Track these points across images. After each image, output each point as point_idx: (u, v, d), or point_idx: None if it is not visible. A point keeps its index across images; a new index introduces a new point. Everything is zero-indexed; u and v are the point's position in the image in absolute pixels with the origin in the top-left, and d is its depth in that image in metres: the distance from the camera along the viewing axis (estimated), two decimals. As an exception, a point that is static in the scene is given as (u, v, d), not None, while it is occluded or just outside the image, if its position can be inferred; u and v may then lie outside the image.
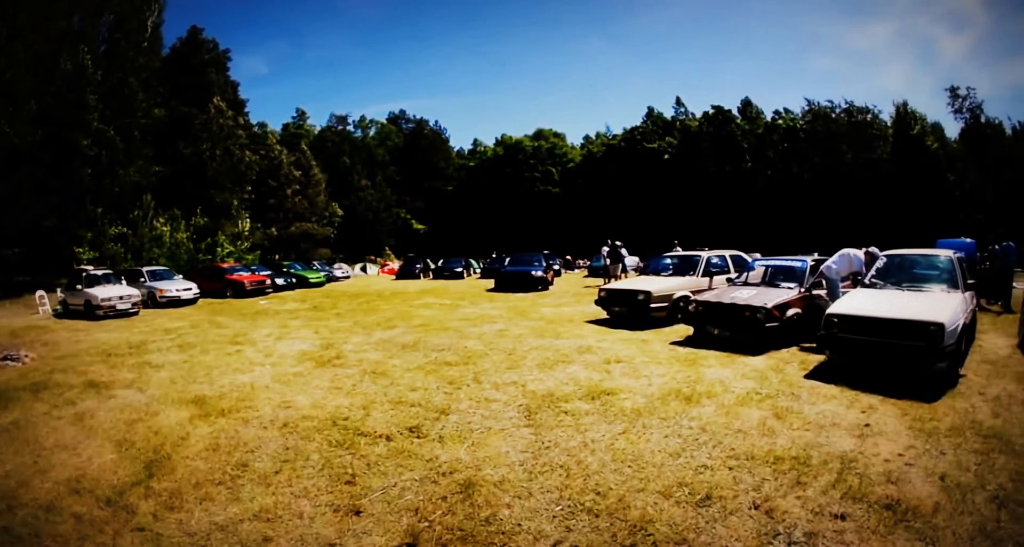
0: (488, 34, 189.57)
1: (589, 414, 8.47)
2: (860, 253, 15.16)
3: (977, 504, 5.68)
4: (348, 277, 58.17)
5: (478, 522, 5.38)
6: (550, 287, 33.14)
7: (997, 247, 21.32)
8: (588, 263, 55.04)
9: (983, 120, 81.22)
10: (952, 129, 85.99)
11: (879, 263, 13.33)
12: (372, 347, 14.08)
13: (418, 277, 52.11)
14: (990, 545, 5.04)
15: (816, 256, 16.21)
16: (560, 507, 5.64)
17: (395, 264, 71.09)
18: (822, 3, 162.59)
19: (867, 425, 7.88)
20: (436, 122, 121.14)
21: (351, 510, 5.68)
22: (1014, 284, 18.99)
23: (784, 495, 5.89)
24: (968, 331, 11.48)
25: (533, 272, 32.66)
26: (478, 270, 55.02)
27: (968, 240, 22.82)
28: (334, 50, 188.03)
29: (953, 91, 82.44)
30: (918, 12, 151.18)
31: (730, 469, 6.50)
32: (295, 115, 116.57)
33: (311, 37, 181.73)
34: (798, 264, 15.53)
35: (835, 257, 15.07)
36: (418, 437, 7.66)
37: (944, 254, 13.08)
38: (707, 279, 18.20)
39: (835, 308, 11.00)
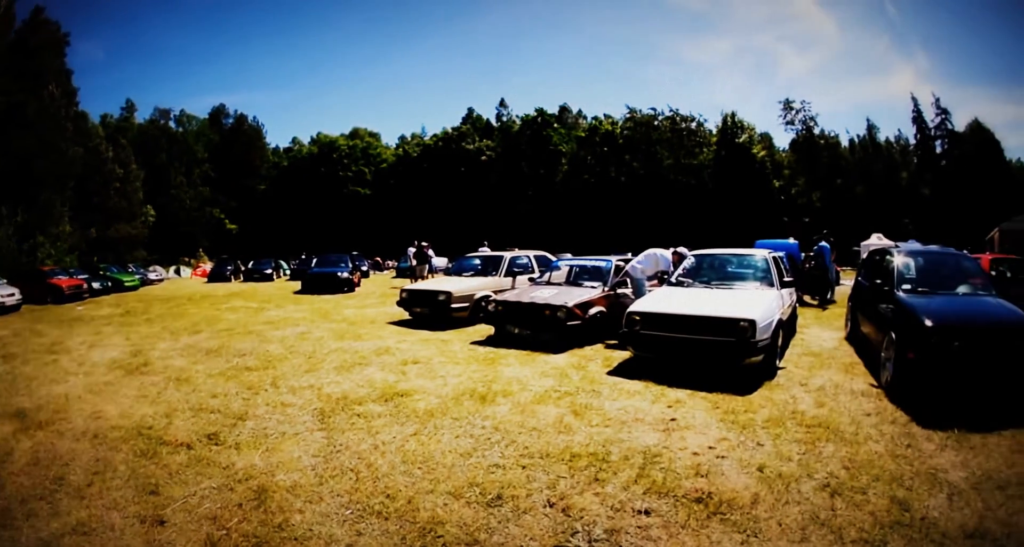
0: (305, 29, 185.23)
1: (382, 416, 8.32)
2: (667, 253, 15.34)
3: (805, 493, 5.67)
4: (162, 280, 57.12)
5: (271, 528, 5.25)
6: (356, 288, 33.43)
7: (816, 248, 23.30)
8: (396, 264, 54.14)
9: (817, 132, 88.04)
10: (783, 139, 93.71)
11: (686, 262, 13.73)
12: (178, 353, 13.72)
13: (229, 279, 51.62)
14: (826, 533, 4.96)
15: (630, 256, 16.45)
16: (350, 511, 5.51)
17: (208, 266, 68.55)
18: (662, 16, 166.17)
19: (673, 419, 7.89)
20: (255, 118, 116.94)
21: (156, 521, 5.47)
22: (842, 281, 19.51)
23: (581, 492, 5.74)
24: (786, 326, 12.20)
25: (339, 273, 32.77)
26: (288, 272, 53.70)
27: (792, 241, 24.74)
28: (168, 37, 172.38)
29: (787, 104, 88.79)
30: (763, 31, 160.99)
31: (523, 468, 6.36)
32: (123, 107, 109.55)
33: (148, 19, 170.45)
34: (602, 264, 15.87)
35: (641, 257, 15.37)
36: (216, 444, 7.44)
37: (759, 253, 13.63)
38: (510, 279, 18.46)
39: (636, 306, 11.23)
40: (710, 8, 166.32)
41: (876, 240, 20.02)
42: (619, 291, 14.72)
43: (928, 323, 8.50)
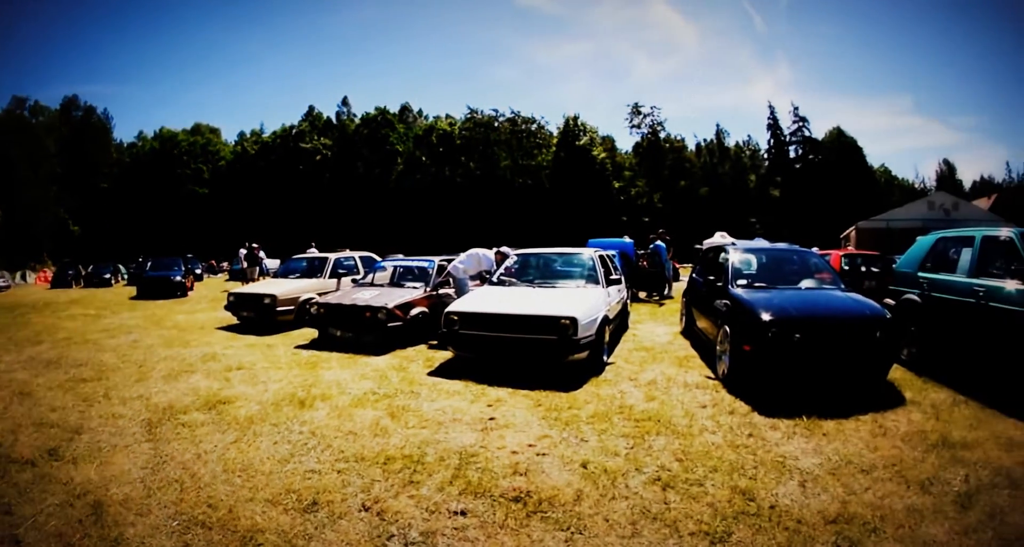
0: (160, 17, 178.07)
1: (205, 425, 8.11)
2: (490, 253, 15.46)
3: (633, 488, 5.61)
4: (8, 287, 54.99)
5: (109, 543, 5.07)
6: (190, 293, 32.70)
7: (652, 247, 24.06)
8: (230, 266, 52.97)
9: (663, 136, 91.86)
10: (629, 142, 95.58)
11: (509, 262, 13.85)
12: (21, 366, 12.97)
13: (71, 285, 49.54)
14: (659, 527, 4.89)
15: (460, 256, 15.95)
16: (177, 522, 5.36)
17: (51, 271, 65.56)
18: (518, 18, 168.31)
19: (492, 418, 7.88)
20: (105, 111, 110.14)
21: (12, 541, 5.26)
22: (681, 278, 19.92)
23: (396, 495, 5.66)
24: (613, 322, 12.49)
25: (173, 277, 31.81)
26: (126, 276, 51.81)
27: (627, 240, 25.13)
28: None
29: (635, 108, 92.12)
30: (620, 37, 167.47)
31: (339, 472, 6.27)
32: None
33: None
34: (424, 264, 15.98)
35: (463, 256, 15.29)
36: (56, 460, 7.15)
37: (585, 252, 13.84)
38: (335, 280, 18.07)
39: (454, 306, 11.26)
40: (569, 12, 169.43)
41: (720, 238, 20.29)
42: (441, 291, 14.74)
43: (765, 317, 8.61)
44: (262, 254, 32.16)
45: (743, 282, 10.56)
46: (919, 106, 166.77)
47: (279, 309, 16.56)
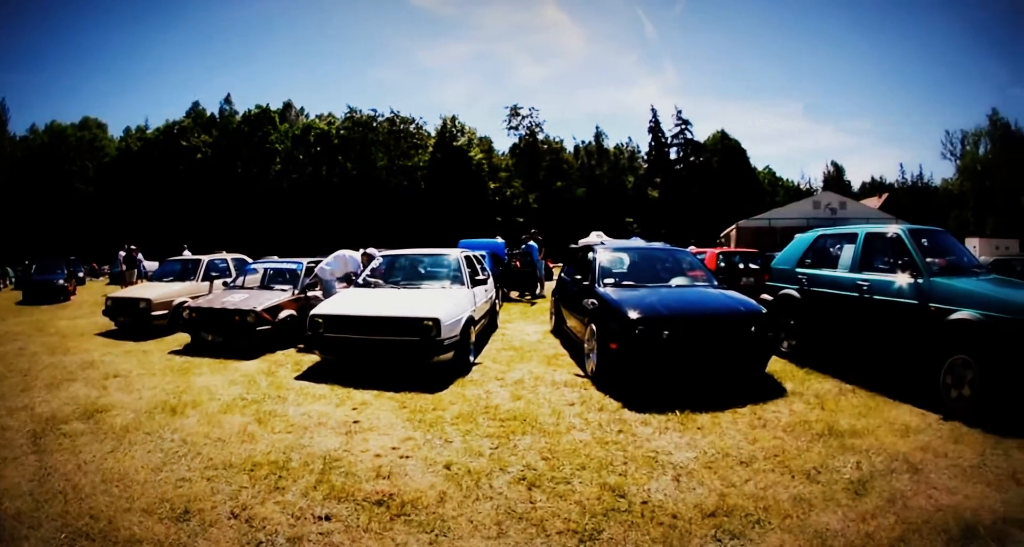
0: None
1: (84, 435, 7.86)
2: (357, 254, 15.44)
3: (497, 488, 5.58)
4: None
5: None
6: (72, 297, 30.65)
7: (524, 247, 24.46)
8: (110, 269, 51.41)
9: (541, 137, 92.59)
10: (507, 143, 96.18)
11: (375, 263, 13.83)
12: None
13: None
14: (526, 527, 4.85)
15: (328, 258, 15.86)
16: (64, 534, 5.17)
17: None
18: (405, 19, 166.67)
19: (356, 422, 7.84)
20: (2, 100, 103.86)
21: None
22: (555, 277, 19.99)
23: (263, 501, 5.56)
24: (480, 322, 12.58)
25: (56, 281, 30.25)
26: (14, 279, 49.92)
27: (499, 240, 25.79)
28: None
29: (514, 110, 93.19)
30: (507, 40, 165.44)
31: (208, 480, 6.11)
32: None
33: None
34: (293, 266, 15.86)
35: (330, 258, 15.13)
36: None
37: (451, 253, 13.82)
38: (207, 283, 17.78)
39: (319, 309, 11.16)
40: (461, 14, 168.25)
41: (595, 238, 20.41)
42: (310, 294, 14.71)
43: (632, 315, 8.65)
44: (140, 256, 31.34)
45: (610, 281, 10.60)
46: (809, 111, 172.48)
47: (154, 314, 16.17)
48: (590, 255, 11.69)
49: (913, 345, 8.70)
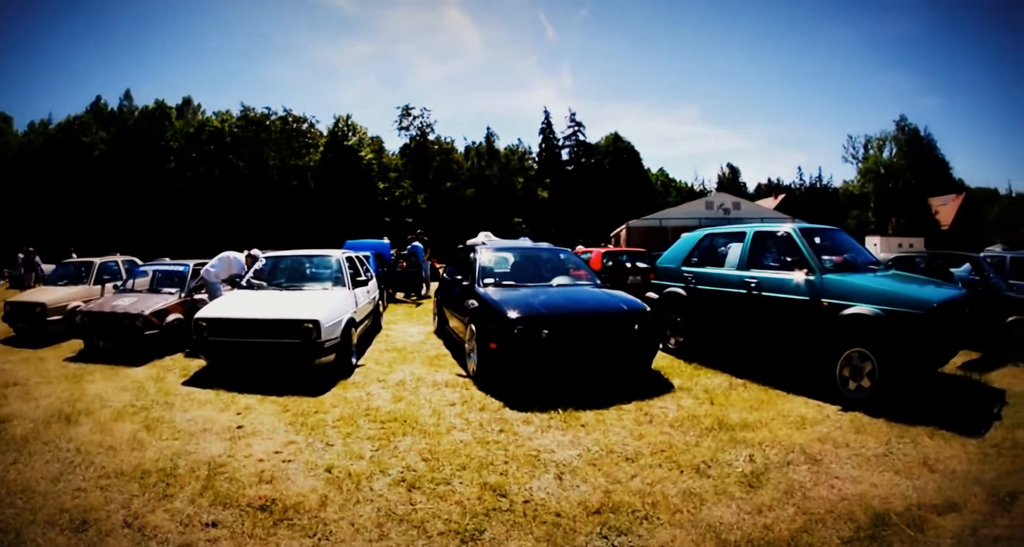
0: None
1: None
2: (241, 256, 15.16)
3: (378, 490, 5.63)
4: None
5: None
6: None
7: (409, 247, 24.60)
8: (10, 272, 49.67)
9: (432, 137, 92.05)
10: (398, 143, 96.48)
11: (258, 265, 13.67)
12: None
13: None
14: (407, 528, 4.88)
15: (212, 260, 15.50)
16: None
17: None
18: (309, 15, 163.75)
19: (240, 427, 7.81)
20: None
21: None
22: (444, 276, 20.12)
23: (153, 509, 5.50)
24: (362, 323, 12.65)
25: None
26: None
27: (384, 241, 26.18)
28: None
29: (406, 110, 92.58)
30: (409, 40, 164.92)
31: (102, 489, 6.02)
32: None
33: None
34: (180, 268, 15.52)
35: (214, 260, 14.84)
36: None
37: (332, 254, 13.80)
38: (99, 287, 16.97)
39: (202, 312, 11.00)
40: (365, 13, 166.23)
41: (484, 238, 20.39)
42: (196, 296, 14.40)
43: (511, 315, 8.74)
44: (37, 259, 30.04)
45: (491, 281, 10.67)
46: (707, 115, 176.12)
47: (49, 319, 15.66)
48: (472, 255, 11.74)
49: (805, 339, 9.05)
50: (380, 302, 16.12)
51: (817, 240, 9.89)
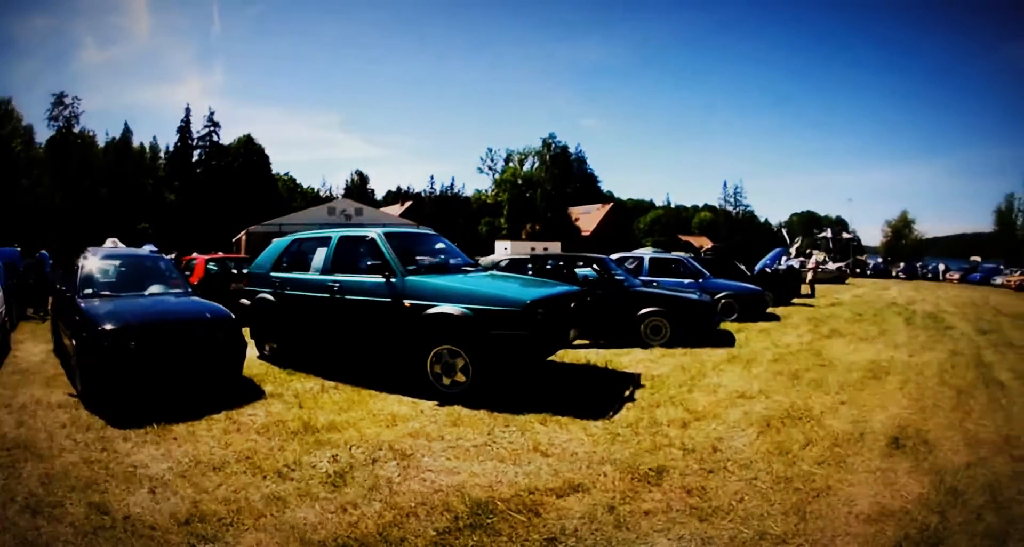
0: None
1: None
2: None
3: (10, 518, 5.37)
4: None
5: None
6: None
7: (38, 255, 22.96)
8: None
9: (78, 129, 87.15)
10: (45, 134, 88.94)
11: None
12: None
13: None
14: None
15: None
16: None
17: None
18: None
19: None
20: None
21: None
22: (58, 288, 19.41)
23: None
24: None
25: None
26: None
27: (16, 248, 24.67)
28: None
29: (59, 98, 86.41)
30: (83, 16, 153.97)
31: None
32: None
33: None
34: None
35: None
36: None
37: None
38: None
39: None
40: None
41: (111, 245, 19.50)
42: None
43: (104, 327, 8.64)
44: None
45: (90, 291, 10.47)
46: (345, 124, 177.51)
47: None
48: (76, 264, 11.46)
49: (391, 339, 9.64)
50: (7, 319, 14.67)
51: (408, 245, 10.75)
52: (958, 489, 5.94)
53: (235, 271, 21.18)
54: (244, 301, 12.38)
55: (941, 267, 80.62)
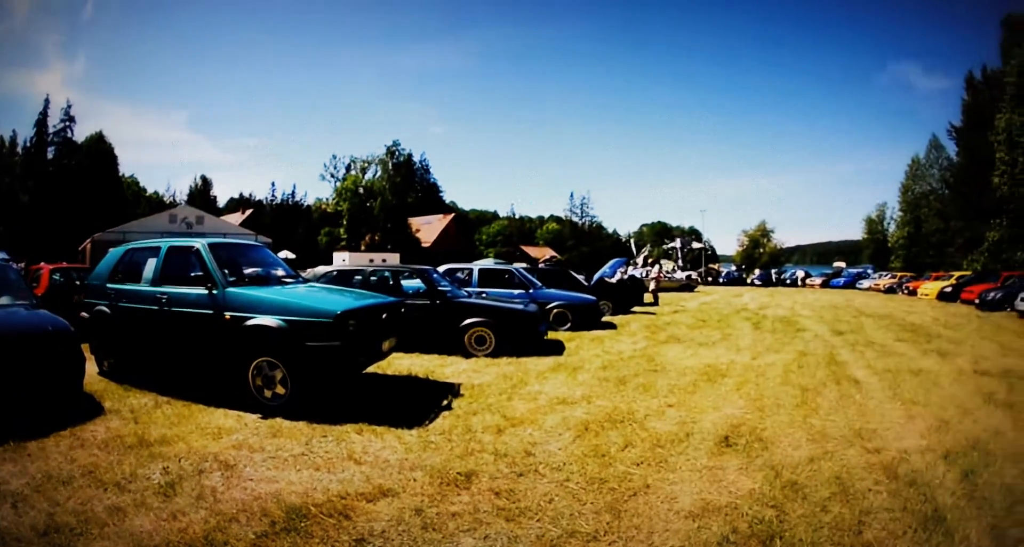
0: None
1: None
2: None
3: None
4: None
5: None
6: None
7: None
8: None
9: None
10: None
11: None
12: None
13: None
14: None
15: None
16: None
17: None
18: None
19: None
20: None
21: None
22: None
23: None
24: None
25: None
26: None
27: None
28: None
29: None
30: None
31: None
32: None
33: None
34: None
35: None
36: None
37: None
38: None
39: None
40: None
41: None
42: None
43: None
44: None
45: None
46: (192, 121, 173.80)
47: None
48: None
49: (214, 352, 9.87)
50: None
51: (233, 256, 11.05)
52: (798, 483, 6.44)
53: (78, 282, 20.10)
54: (84, 314, 12.10)
55: (800, 273, 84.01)
